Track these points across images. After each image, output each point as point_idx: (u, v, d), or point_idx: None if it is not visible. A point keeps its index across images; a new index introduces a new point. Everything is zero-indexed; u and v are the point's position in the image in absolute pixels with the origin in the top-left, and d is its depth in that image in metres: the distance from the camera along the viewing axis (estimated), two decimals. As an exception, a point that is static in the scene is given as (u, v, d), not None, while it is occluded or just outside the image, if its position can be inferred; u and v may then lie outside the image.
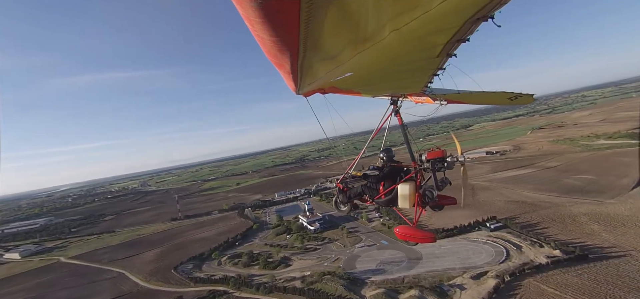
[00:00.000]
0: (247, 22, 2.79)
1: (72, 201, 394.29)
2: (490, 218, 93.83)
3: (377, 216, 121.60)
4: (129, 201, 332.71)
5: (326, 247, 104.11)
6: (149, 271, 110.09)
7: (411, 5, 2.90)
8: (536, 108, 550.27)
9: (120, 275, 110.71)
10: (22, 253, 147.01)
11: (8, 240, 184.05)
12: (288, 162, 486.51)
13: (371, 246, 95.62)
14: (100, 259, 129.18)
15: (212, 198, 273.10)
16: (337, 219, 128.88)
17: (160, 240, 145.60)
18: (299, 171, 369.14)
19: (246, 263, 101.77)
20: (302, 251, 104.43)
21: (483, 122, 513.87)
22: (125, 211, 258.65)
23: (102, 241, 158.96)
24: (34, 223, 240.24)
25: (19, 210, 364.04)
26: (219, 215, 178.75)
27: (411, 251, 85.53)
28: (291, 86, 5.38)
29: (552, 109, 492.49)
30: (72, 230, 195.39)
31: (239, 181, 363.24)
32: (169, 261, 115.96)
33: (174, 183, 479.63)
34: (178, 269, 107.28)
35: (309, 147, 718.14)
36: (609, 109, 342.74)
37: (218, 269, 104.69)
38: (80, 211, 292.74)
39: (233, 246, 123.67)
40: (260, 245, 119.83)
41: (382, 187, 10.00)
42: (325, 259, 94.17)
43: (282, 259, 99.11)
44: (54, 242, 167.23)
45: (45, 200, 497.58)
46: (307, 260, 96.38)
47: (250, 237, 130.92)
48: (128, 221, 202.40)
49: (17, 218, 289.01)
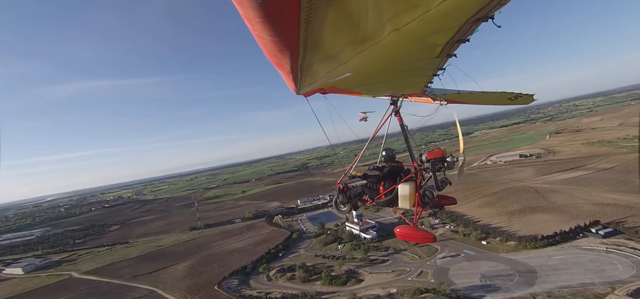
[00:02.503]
0: (247, 22, 2.75)
1: (65, 211, 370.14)
2: (592, 223, 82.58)
3: (439, 223, 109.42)
4: (130, 211, 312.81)
5: (395, 258, 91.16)
6: (186, 288, 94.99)
7: (411, 6, 2.86)
8: (531, 115, 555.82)
9: (151, 293, 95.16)
10: (25, 268, 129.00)
11: (5, 252, 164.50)
12: (288, 170, 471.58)
13: (455, 256, 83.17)
14: (121, 275, 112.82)
15: (222, 207, 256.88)
16: (388, 226, 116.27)
17: (185, 252, 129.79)
18: (306, 178, 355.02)
19: (305, 278, 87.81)
20: (368, 263, 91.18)
21: (480, 130, 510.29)
22: (130, 220, 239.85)
23: (117, 253, 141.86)
24: (30, 233, 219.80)
25: (8, 221, 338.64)
26: (243, 224, 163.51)
27: (512, 262, 73.70)
28: (291, 86, 5.16)
29: (552, 117, 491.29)
30: (77, 241, 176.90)
31: (243, 189, 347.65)
32: (207, 276, 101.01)
33: (172, 192, 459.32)
34: (222, 285, 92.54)
35: (305, 155, 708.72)
36: (619, 115, 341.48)
37: (270, 285, 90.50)
38: (78, 221, 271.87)
39: (276, 257, 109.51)
40: (309, 256, 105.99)
41: (382, 187, 9.79)
42: (402, 272, 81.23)
43: (349, 274, 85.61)
44: (59, 255, 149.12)
45: (33, 209, 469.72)
46: (380, 273, 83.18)
47: (293, 247, 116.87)
48: (140, 232, 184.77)
49: (9, 229, 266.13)
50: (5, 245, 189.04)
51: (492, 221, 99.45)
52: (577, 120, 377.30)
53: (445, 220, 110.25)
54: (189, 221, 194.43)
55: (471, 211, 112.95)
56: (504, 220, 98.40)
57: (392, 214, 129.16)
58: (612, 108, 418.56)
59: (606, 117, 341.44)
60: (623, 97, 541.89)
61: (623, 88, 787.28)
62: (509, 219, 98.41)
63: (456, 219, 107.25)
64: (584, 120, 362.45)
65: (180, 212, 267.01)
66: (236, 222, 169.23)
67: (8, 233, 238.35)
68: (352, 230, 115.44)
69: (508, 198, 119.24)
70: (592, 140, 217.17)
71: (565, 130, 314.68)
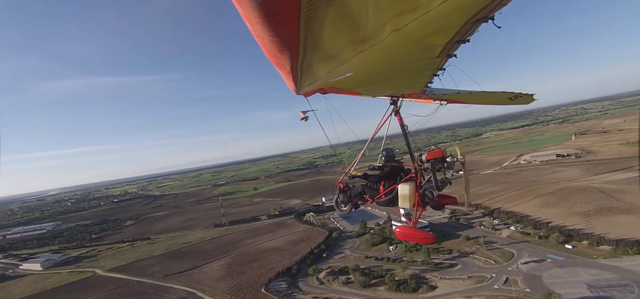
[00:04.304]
0: (247, 22, 2.76)
1: (72, 205, 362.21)
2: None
3: (499, 223, 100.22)
4: (140, 206, 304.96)
5: (464, 262, 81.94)
6: (228, 289, 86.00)
7: (411, 6, 2.86)
8: (539, 118, 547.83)
9: (190, 296, 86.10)
10: (44, 264, 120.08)
11: (18, 247, 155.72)
12: (296, 168, 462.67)
13: (540, 261, 73.87)
14: (151, 273, 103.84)
15: (237, 203, 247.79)
16: (440, 226, 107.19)
17: (216, 249, 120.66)
18: (318, 176, 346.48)
19: (364, 283, 78.56)
20: (432, 267, 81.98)
21: (489, 132, 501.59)
22: (144, 216, 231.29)
23: (140, 250, 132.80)
24: (40, 227, 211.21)
25: (14, 214, 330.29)
26: (270, 221, 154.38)
27: (619, 270, 64.55)
28: (291, 86, 5.11)
29: (563, 119, 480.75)
30: (93, 236, 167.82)
31: (255, 186, 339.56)
32: (248, 277, 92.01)
33: (179, 188, 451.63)
34: (270, 288, 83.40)
35: (310, 154, 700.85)
36: (637, 117, 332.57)
37: (324, 288, 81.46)
38: (88, 215, 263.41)
39: (320, 258, 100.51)
40: (358, 257, 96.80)
41: (383, 187, 9.79)
42: (482, 278, 71.94)
43: (417, 279, 76.14)
44: (77, 250, 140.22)
45: (38, 203, 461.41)
46: (455, 279, 73.88)
47: (336, 247, 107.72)
48: (159, 228, 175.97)
49: (17, 222, 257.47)
50: (16, 239, 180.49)
51: (566, 223, 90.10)
52: (598, 122, 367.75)
53: (506, 220, 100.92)
54: (208, 217, 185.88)
55: (533, 212, 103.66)
56: (581, 222, 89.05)
57: (441, 213, 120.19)
58: (628, 111, 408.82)
59: (628, 119, 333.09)
60: (632, 100, 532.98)
61: (630, 93, 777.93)
62: (585, 220, 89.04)
63: (521, 220, 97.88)
64: (605, 122, 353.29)
65: (193, 208, 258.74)
66: (262, 219, 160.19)
67: (17, 226, 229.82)
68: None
69: (570, 198, 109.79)
70: (629, 140, 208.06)
71: (589, 131, 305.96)
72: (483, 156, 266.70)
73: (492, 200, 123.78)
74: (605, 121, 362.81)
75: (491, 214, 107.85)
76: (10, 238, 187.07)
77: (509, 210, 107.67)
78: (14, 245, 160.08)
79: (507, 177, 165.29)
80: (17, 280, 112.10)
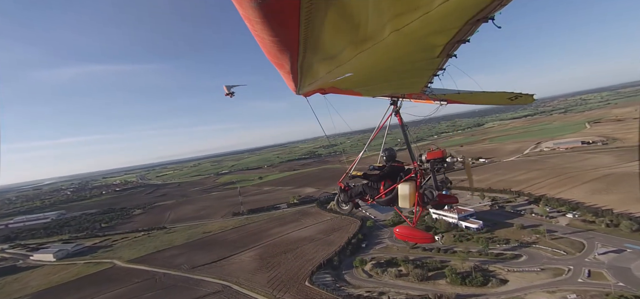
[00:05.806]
0: (247, 22, 2.76)
1: (72, 194, 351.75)
2: None
3: (552, 210, 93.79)
4: (144, 195, 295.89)
5: (529, 253, 75.35)
6: (266, 282, 78.92)
7: (412, 6, 2.87)
8: (539, 108, 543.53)
9: (225, 289, 78.86)
10: (56, 254, 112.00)
11: (25, 236, 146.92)
12: (297, 158, 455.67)
13: (620, 252, 67.59)
14: (176, 265, 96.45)
15: (246, 192, 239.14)
16: (484, 215, 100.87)
17: (241, 239, 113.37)
18: (323, 166, 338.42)
19: (422, 276, 71.76)
20: (496, 259, 75.31)
21: (490, 122, 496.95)
22: (151, 205, 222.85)
23: (159, 240, 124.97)
24: (44, 216, 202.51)
25: (13, 203, 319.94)
26: (291, 210, 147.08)
27: None
28: (291, 86, 5.11)
29: (565, 109, 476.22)
30: (103, 225, 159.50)
31: (260, 175, 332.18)
32: (285, 269, 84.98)
33: (180, 177, 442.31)
34: (314, 280, 76.42)
35: (309, 144, 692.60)
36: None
37: (376, 282, 74.65)
38: (92, 204, 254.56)
39: (360, 249, 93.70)
40: (402, 248, 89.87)
41: (383, 187, 9.56)
42: (559, 271, 65.39)
43: (483, 273, 69.40)
44: (90, 240, 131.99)
45: (35, 192, 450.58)
46: (526, 272, 67.30)
47: (374, 238, 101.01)
48: (172, 217, 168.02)
49: (18, 211, 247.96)
50: (20, 228, 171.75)
51: (631, 210, 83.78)
52: (606, 112, 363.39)
53: (559, 207, 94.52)
54: (223, 206, 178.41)
55: (587, 198, 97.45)
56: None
57: (481, 201, 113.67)
58: (632, 101, 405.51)
59: (639, 108, 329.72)
60: (629, 91, 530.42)
61: (627, 84, 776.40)
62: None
63: (577, 207, 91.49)
64: (614, 111, 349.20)
65: (201, 197, 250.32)
66: (282, 208, 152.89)
67: (18, 215, 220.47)
68: (448, 220, 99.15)
69: (621, 184, 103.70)
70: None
71: (602, 119, 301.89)
72: (499, 144, 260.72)
73: (533, 187, 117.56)
74: (614, 110, 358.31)
75: (538, 201, 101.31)
76: (14, 227, 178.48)
77: (559, 197, 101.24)
78: (20, 235, 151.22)
79: (536, 164, 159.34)
80: (30, 271, 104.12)
